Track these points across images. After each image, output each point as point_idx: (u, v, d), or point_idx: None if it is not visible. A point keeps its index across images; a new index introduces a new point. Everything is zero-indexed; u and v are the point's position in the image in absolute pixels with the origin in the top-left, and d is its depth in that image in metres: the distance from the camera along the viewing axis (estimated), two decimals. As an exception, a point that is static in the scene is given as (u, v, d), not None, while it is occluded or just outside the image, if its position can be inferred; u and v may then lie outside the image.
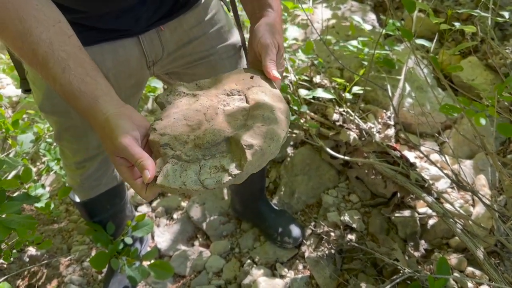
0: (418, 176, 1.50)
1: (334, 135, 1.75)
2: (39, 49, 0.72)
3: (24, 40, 0.72)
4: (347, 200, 1.83)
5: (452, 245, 1.58)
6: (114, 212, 1.58)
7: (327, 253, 1.65)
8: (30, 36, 0.72)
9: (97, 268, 1.59)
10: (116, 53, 1.03)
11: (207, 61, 1.18)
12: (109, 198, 1.53)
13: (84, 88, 0.73)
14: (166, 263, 1.53)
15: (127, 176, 0.73)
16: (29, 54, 0.73)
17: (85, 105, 0.73)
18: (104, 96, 0.74)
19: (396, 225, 1.67)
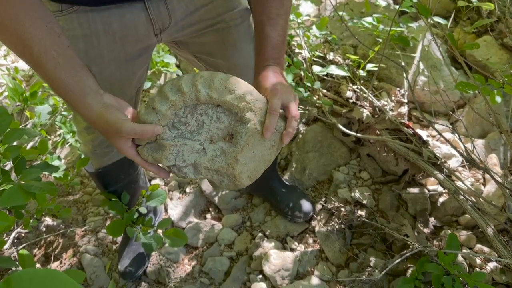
0: (430, 154, 1.51)
1: (347, 112, 1.76)
2: (34, 48, 0.78)
3: (19, 38, 0.77)
4: (358, 177, 1.85)
5: (461, 223, 1.60)
6: (128, 182, 1.62)
7: (337, 228, 1.68)
8: (24, 33, 0.77)
9: (113, 235, 1.64)
10: (123, 17, 1.04)
11: (215, 29, 1.18)
12: (122, 167, 1.56)
13: (73, 84, 0.81)
14: (180, 231, 1.57)
15: (130, 152, 0.85)
16: (24, 50, 0.78)
17: (74, 99, 0.82)
18: (92, 93, 0.82)
19: (406, 202, 1.69)
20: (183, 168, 0.89)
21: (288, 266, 1.62)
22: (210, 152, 0.89)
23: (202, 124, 0.89)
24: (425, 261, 1.39)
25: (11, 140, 1.04)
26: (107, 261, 1.80)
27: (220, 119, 0.89)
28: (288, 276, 1.61)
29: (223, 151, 0.89)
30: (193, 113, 0.88)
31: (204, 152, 0.89)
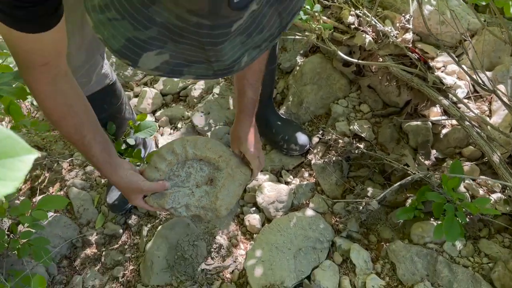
0: (435, 79, 1.42)
1: (348, 39, 1.64)
2: (87, 136, 1.02)
3: (77, 129, 1.00)
4: (357, 110, 1.76)
5: (465, 154, 1.53)
6: (112, 112, 1.52)
7: (334, 160, 1.60)
8: (82, 126, 1.00)
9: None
10: None
11: None
12: (104, 97, 1.46)
13: (111, 162, 1.10)
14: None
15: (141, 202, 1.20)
16: (78, 138, 1.02)
17: (111, 172, 1.12)
18: (122, 168, 1.12)
19: (407, 134, 1.62)
20: (178, 208, 1.22)
21: (282, 198, 1.56)
22: (197, 194, 1.24)
23: (189, 175, 1.24)
24: (426, 190, 1.33)
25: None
26: (95, 195, 1.74)
27: (202, 169, 1.25)
28: (282, 208, 1.55)
29: (206, 192, 1.25)
30: (183, 167, 1.23)
31: (193, 194, 1.24)
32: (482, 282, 1.24)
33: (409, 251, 1.34)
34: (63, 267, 1.56)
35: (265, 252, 1.38)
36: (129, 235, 1.63)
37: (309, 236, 1.43)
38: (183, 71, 0.57)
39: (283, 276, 1.32)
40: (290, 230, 1.44)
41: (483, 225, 1.39)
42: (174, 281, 1.45)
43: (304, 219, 1.47)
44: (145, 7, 0.48)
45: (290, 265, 1.35)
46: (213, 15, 0.48)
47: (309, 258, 1.38)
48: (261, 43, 0.57)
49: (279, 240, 1.41)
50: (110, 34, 0.52)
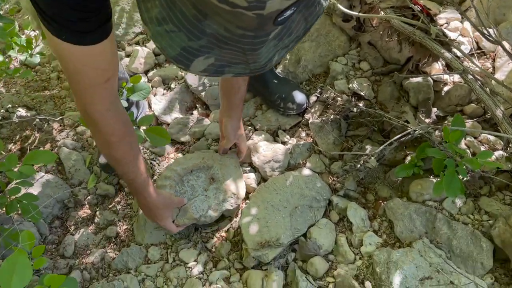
0: (438, 31, 1.35)
1: (348, -8, 1.57)
2: (138, 154, 1.14)
3: (132, 147, 1.11)
4: (357, 68, 1.70)
5: (466, 112, 1.49)
6: None
7: (332, 119, 1.56)
8: (135, 143, 1.13)
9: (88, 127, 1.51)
10: None
11: None
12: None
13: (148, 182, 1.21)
14: (162, 129, 1.43)
15: (169, 223, 1.33)
16: (131, 158, 1.12)
17: (152, 189, 1.23)
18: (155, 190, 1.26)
19: (407, 92, 1.56)
20: (206, 214, 1.37)
21: (278, 158, 1.52)
22: (211, 195, 1.42)
23: (193, 186, 1.43)
24: (426, 146, 1.29)
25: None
26: (87, 155, 1.69)
27: (199, 176, 1.46)
28: (278, 168, 1.52)
29: (216, 189, 1.43)
30: (183, 184, 1.43)
31: (208, 197, 1.41)
32: (481, 239, 1.21)
33: (407, 209, 1.31)
34: (55, 228, 1.54)
35: (260, 210, 1.35)
36: (122, 195, 1.60)
37: (306, 194, 1.39)
38: (225, 71, 0.63)
39: (278, 233, 1.29)
40: (286, 189, 1.41)
41: (484, 182, 1.35)
42: (168, 239, 1.42)
43: (300, 178, 1.44)
44: (198, 22, 0.55)
45: (286, 223, 1.32)
46: (258, 30, 0.55)
47: (305, 216, 1.36)
48: (289, 44, 0.64)
49: (275, 199, 1.38)
50: (167, 43, 0.59)
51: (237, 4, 0.48)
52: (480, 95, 1.27)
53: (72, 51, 0.81)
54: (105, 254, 1.42)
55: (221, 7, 0.50)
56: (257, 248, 1.28)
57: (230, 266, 1.34)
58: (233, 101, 1.37)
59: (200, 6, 0.53)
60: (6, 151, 1.70)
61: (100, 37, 0.82)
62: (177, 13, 0.55)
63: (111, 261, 1.40)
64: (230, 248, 1.37)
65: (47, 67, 2.05)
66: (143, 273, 1.34)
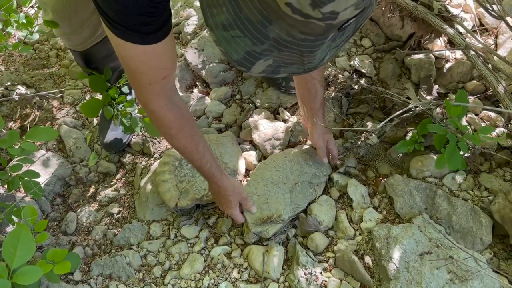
0: (441, 7, 1.34)
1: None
2: (200, 143, 1.13)
3: (193, 138, 1.11)
4: (358, 45, 1.69)
5: (468, 88, 1.48)
6: (110, 58, 1.47)
7: (333, 96, 1.55)
8: (196, 135, 1.12)
9: (89, 115, 1.52)
10: None
11: None
12: (108, 47, 1.40)
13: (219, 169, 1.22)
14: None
15: (237, 212, 1.29)
16: (193, 148, 1.11)
17: (219, 175, 1.21)
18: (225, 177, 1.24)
19: (409, 69, 1.55)
20: (207, 192, 1.37)
21: (279, 136, 1.52)
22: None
23: (192, 168, 1.43)
24: (427, 123, 1.28)
25: None
26: (88, 134, 1.69)
27: None
28: (279, 146, 1.52)
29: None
30: (182, 166, 1.44)
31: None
32: (481, 215, 1.22)
33: (407, 185, 1.31)
34: (56, 205, 1.55)
35: (260, 187, 1.36)
36: (123, 173, 1.60)
37: (305, 171, 1.40)
38: (280, 71, 0.66)
39: (279, 210, 1.30)
40: (286, 166, 1.41)
41: (484, 159, 1.36)
42: (169, 216, 1.43)
43: (300, 155, 1.44)
44: (264, 27, 0.56)
45: (286, 199, 1.33)
46: (321, 35, 0.57)
47: (305, 192, 1.36)
48: (340, 43, 0.65)
49: (274, 176, 1.39)
50: (232, 48, 0.61)
51: (311, 16, 0.50)
52: (482, 71, 1.26)
53: (135, 50, 0.83)
54: (107, 230, 1.44)
55: (293, 17, 0.52)
56: (258, 224, 1.29)
57: (231, 241, 1.35)
58: (313, 107, 1.35)
59: (266, 12, 0.55)
60: (6, 129, 1.70)
61: (163, 36, 0.84)
62: (243, 20, 0.57)
63: (113, 238, 1.41)
64: (231, 224, 1.39)
65: (45, 45, 2.04)
66: (145, 248, 1.35)
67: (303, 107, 1.41)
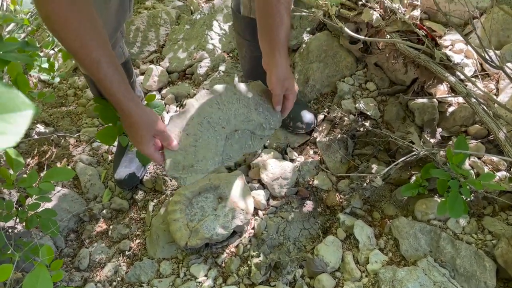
0: (443, 56, 1.40)
1: (355, 15, 1.62)
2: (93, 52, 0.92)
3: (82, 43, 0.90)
4: (363, 88, 1.75)
5: (470, 132, 1.52)
6: None
7: (339, 138, 1.60)
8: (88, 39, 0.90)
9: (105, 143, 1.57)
10: None
11: None
12: None
13: (126, 88, 0.99)
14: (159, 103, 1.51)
15: (152, 150, 1.06)
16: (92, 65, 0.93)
17: (125, 95, 0.98)
18: (135, 104, 1.01)
19: (413, 112, 1.61)
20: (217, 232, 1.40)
21: (287, 175, 1.57)
22: (220, 213, 1.45)
23: (203, 207, 1.48)
24: (430, 167, 1.32)
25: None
26: (102, 171, 1.76)
27: (207, 197, 1.51)
28: (286, 185, 1.56)
29: (224, 207, 1.46)
30: (192, 205, 1.49)
31: (217, 216, 1.45)
32: (485, 259, 1.24)
33: (412, 228, 1.34)
34: (70, 241, 1.59)
35: (193, 124, 1.12)
36: (135, 210, 1.65)
37: (252, 118, 1.19)
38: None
39: (206, 157, 1.13)
40: (231, 106, 1.17)
41: (487, 202, 1.39)
42: (179, 254, 1.47)
43: (253, 96, 1.20)
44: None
45: (218, 147, 1.15)
46: None
47: (243, 144, 1.20)
48: None
49: (215, 115, 1.15)
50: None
51: None
52: (483, 118, 1.31)
53: None
54: (118, 267, 1.48)
55: None
56: (177, 168, 1.09)
57: (239, 281, 1.38)
58: (276, 38, 1.09)
59: None
60: (24, 165, 1.77)
61: None
62: None
63: (124, 275, 1.45)
64: (239, 264, 1.42)
65: (64, 83, 2.13)
66: (155, 286, 1.38)
67: (262, 42, 1.14)
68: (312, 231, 1.46)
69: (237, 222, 1.43)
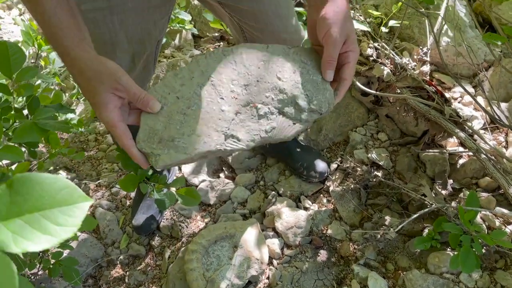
0: (452, 112, 1.45)
1: (366, 70, 1.70)
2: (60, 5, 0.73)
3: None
4: (375, 138, 1.80)
5: (481, 185, 1.56)
6: None
7: (352, 188, 1.65)
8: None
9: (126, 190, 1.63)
10: None
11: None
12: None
13: (73, 24, 0.75)
14: (193, 190, 1.55)
15: (114, 116, 0.75)
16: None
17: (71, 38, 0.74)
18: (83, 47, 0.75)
19: (424, 163, 1.65)
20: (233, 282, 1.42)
21: (301, 224, 1.60)
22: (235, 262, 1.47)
23: (219, 256, 1.50)
24: (442, 221, 1.36)
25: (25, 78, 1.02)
26: (120, 216, 1.81)
27: (223, 246, 1.53)
28: (300, 234, 1.60)
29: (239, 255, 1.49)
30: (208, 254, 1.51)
31: (233, 265, 1.46)
32: (498, 314, 1.25)
33: (425, 281, 1.36)
34: (88, 286, 1.63)
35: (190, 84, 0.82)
36: (152, 256, 1.69)
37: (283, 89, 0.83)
38: None
39: (197, 133, 0.79)
40: (254, 70, 0.84)
41: (500, 256, 1.40)
42: (195, 303, 1.49)
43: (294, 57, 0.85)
44: None
45: (221, 123, 0.80)
46: None
47: (262, 124, 0.83)
48: None
49: (225, 76, 0.83)
50: None
51: None
52: (493, 174, 1.35)
53: None
54: (135, 315, 1.50)
55: None
56: (151, 140, 0.78)
57: (254, 332, 1.40)
58: None
59: None
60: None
61: None
62: None
63: (141, 322, 1.47)
64: (254, 314, 1.44)
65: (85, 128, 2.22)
66: (171, 336, 1.41)
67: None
68: (327, 281, 1.48)
69: (252, 272, 1.46)
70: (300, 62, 0.83)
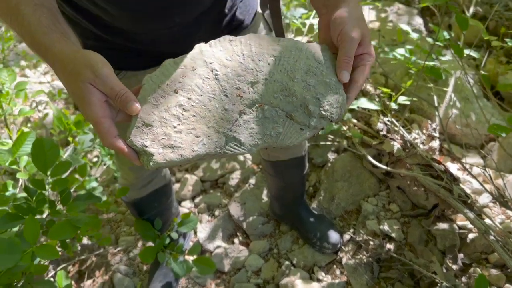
0: (461, 192, 1.51)
1: (377, 144, 1.77)
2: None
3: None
4: (387, 209, 1.85)
5: (491, 261, 1.59)
6: (161, 209, 1.68)
7: (365, 261, 1.68)
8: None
9: (146, 261, 1.70)
10: None
11: None
12: (157, 197, 1.62)
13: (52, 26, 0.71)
14: (208, 259, 1.61)
15: (98, 110, 0.66)
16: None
17: (49, 42, 0.69)
18: (69, 37, 0.72)
19: (435, 237, 1.69)
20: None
21: (314, 297, 1.64)
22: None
23: None
24: (453, 301, 1.39)
25: (59, 173, 1.11)
26: (137, 282, 1.85)
27: None
28: (314, 307, 1.63)
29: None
30: None
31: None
32: None
33: None
34: None
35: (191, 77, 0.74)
36: (168, 325, 1.72)
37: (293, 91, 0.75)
38: None
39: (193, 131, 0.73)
40: (263, 66, 0.76)
41: (512, 338, 1.42)
42: None
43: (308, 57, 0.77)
44: None
45: (221, 122, 0.73)
46: None
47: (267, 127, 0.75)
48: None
49: (230, 71, 0.75)
50: None
51: None
52: (501, 255, 1.39)
53: None
54: None
55: None
56: (141, 135, 0.70)
57: None
58: None
59: None
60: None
61: None
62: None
63: None
64: None
65: (106, 190, 2.30)
66: None
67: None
68: None
69: None
70: (313, 61, 0.75)
